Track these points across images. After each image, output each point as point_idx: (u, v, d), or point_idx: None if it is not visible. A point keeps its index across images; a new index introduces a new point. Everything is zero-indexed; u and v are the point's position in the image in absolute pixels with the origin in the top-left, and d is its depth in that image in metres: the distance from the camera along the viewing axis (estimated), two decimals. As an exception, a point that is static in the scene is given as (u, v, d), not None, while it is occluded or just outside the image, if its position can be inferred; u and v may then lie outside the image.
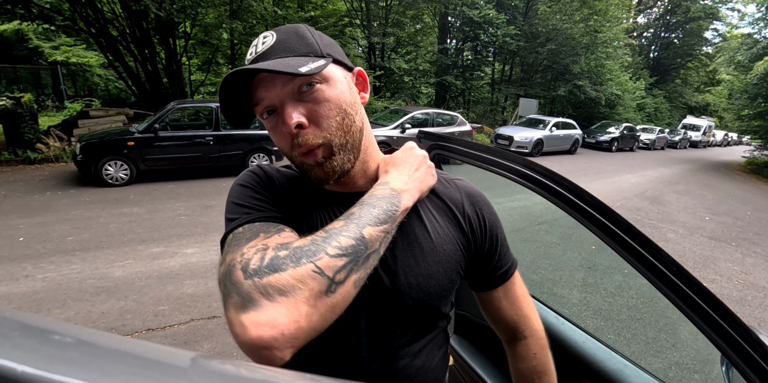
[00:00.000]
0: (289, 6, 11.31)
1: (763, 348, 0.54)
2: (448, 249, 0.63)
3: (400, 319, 0.61)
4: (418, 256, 0.61)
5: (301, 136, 0.54)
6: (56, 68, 11.51)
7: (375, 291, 0.58)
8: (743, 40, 15.32)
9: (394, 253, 0.60)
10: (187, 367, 0.20)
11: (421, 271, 0.60)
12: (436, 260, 0.61)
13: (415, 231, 0.62)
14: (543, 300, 1.25)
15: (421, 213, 0.64)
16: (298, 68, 0.51)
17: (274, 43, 0.55)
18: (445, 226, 0.64)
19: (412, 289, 0.59)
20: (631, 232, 0.61)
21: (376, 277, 0.58)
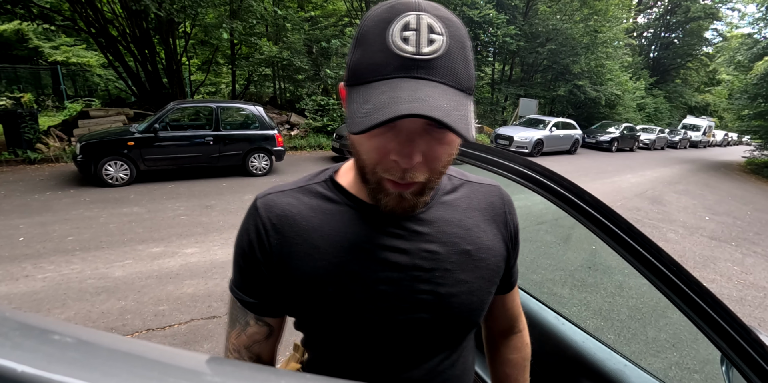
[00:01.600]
0: (289, 6, 11.31)
1: (763, 348, 0.54)
2: (491, 263, 0.62)
3: (441, 336, 0.60)
4: (464, 272, 0.59)
5: (410, 171, 0.48)
6: (56, 68, 11.52)
7: (418, 309, 0.57)
8: (743, 40, 15.31)
9: (443, 268, 0.58)
10: (187, 367, 0.20)
11: (466, 288, 0.59)
12: (479, 275, 0.60)
13: (462, 244, 0.59)
14: (543, 300, 1.25)
15: (467, 224, 0.61)
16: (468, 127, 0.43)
17: (443, 51, 0.44)
18: (489, 239, 0.62)
19: (455, 308, 0.58)
20: (631, 232, 0.61)
21: (420, 295, 0.56)
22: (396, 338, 0.57)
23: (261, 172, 6.75)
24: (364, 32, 0.46)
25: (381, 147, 0.48)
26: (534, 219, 5.13)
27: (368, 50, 0.45)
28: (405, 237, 0.57)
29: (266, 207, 0.58)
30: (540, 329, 1.12)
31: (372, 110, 0.42)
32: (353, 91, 0.47)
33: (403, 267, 0.56)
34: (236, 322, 0.62)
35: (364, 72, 0.46)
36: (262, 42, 9.75)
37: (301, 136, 10.15)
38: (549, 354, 1.08)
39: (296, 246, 0.56)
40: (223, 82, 15.32)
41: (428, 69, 0.44)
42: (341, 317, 0.56)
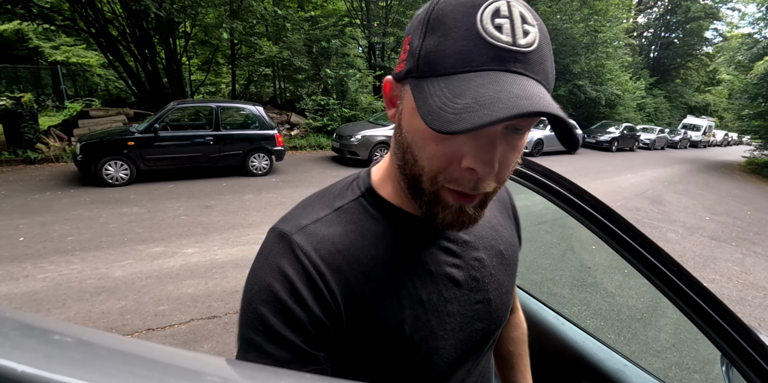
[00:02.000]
0: (289, 6, 11.32)
1: (763, 348, 0.54)
2: (515, 258, 0.62)
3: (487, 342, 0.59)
4: (501, 274, 0.58)
5: (484, 180, 0.42)
6: (56, 68, 11.53)
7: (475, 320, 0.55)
8: (743, 39, 15.31)
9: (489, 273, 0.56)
10: (187, 367, 0.20)
11: (504, 289, 0.58)
12: (510, 273, 0.60)
13: (496, 245, 0.58)
14: (543, 300, 1.25)
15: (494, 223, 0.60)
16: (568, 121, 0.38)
17: (537, 45, 0.39)
18: (509, 234, 0.62)
19: (499, 310, 0.58)
20: (631, 232, 0.61)
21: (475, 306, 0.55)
22: (458, 356, 0.54)
23: (261, 172, 6.75)
24: (439, 16, 0.39)
25: (452, 152, 0.41)
26: (534, 219, 5.13)
27: (449, 37, 0.38)
28: (457, 250, 0.54)
29: (311, 244, 0.46)
30: (540, 329, 1.12)
31: (474, 105, 0.36)
32: (426, 83, 0.40)
33: (462, 281, 0.53)
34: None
35: (446, 61, 0.39)
36: (262, 42, 9.76)
37: (301, 136, 10.16)
38: (549, 354, 1.08)
39: (357, 288, 0.47)
40: (223, 82, 15.33)
41: (525, 63, 0.38)
42: (418, 350, 0.49)
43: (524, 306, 1.22)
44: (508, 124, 0.40)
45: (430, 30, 0.40)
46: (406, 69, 0.43)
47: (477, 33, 0.38)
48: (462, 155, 0.41)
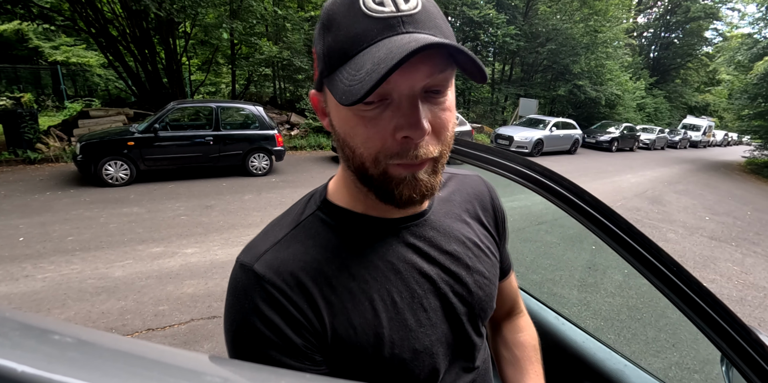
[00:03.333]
0: (289, 6, 11.31)
1: (763, 348, 0.54)
2: (493, 251, 0.64)
3: (474, 332, 0.60)
4: (479, 264, 0.59)
5: (422, 146, 0.43)
6: (56, 68, 11.52)
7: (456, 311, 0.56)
8: (743, 40, 15.32)
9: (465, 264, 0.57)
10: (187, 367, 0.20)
11: (485, 278, 0.60)
12: (490, 263, 0.62)
13: (470, 237, 0.60)
14: (543, 300, 1.25)
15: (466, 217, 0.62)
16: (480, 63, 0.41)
17: (421, 7, 0.41)
18: (485, 228, 0.64)
19: (483, 300, 0.59)
20: (631, 232, 0.61)
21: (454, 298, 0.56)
22: (443, 350, 0.55)
23: (261, 172, 6.75)
24: (329, 16, 0.42)
25: (381, 129, 0.43)
26: (534, 219, 5.13)
27: (342, 27, 0.41)
28: (424, 248, 0.54)
29: (272, 269, 0.47)
30: (540, 329, 1.12)
31: (372, 67, 0.38)
32: (335, 75, 0.42)
33: (435, 277, 0.54)
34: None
35: (346, 48, 0.41)
36: (262, 42, 9.75)
37: (301, 136, 10.16)
38: (549, 354, 1.08)
39: (327, 302, 0.47)
40: (223, 82, 15.32)
41: (414, 24, 0.41)
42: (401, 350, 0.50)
43: (524, 306, 1.22)
44: (424, 86, 0.42)
45: (326, 30, 0.42)
46: (319, 74, 0.45)
47: (363, 13, 0.40)
48: (392, 129, 0.42)
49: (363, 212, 0.52)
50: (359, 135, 0.44)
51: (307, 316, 0.46)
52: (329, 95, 0.45)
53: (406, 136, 0.42)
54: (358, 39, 0.40)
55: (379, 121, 0.43)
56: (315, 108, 0.50)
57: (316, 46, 0.45)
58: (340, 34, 0.41)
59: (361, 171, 0.46)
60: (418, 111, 0.41)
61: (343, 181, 0.53)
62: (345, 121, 0.44)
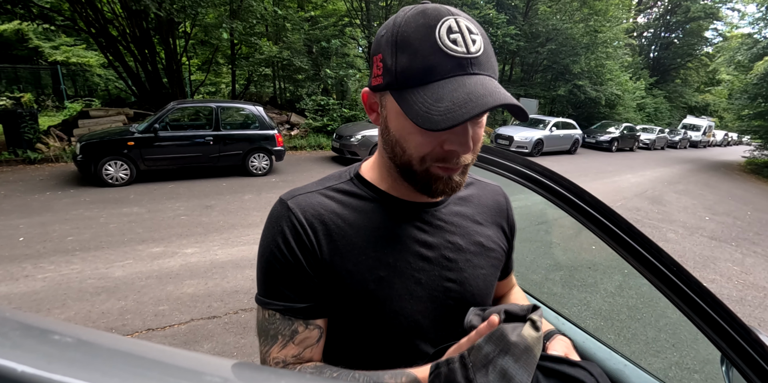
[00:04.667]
0: (289, 6, 11.31)
1: (763, 348, 0.54)
2: (498, 254, 0.70)
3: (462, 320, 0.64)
4: (479, 260, 0.66)
5: (462, 156, 0.54)
6: (56, 68, 11.52)
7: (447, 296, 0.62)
8: (743, 40, 15.31)
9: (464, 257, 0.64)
10: (187, 367, 0.20)
11: (481, 274, 0.66)
12: (490, 263, 0.68)
13: (476, 236, 0.67)
14: (543, 300, 1.24)
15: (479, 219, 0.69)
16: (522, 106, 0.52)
17: (483, 50, 0.50)
18: (495, 233, 0.70)
19: (475, 293, 0.65)
20: (631, 232, 0.61)
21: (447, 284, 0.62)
22: (427, 324, 0.61)
23: (261, 172, 6.75)
24: (404, 37, 0.49)
25: (433, 140, 0.53)
26: (534, 219, 5.13)
27: (418, 54, 0.49)
28: (430, 231, 0.62)
29: (300, 207, 0.59)
30: (540, 329, 1.12)
31: (453, 107, 0.47)
32: (407, 94, 0.50)
33: (433, 258, 0.61)
34: (277, 336, 0.58)
35: (420, 74, 0.49)
36: (262, 42, 9.75)
37: (301, 136, 10.16)
38: (549, 354, 1.08)
39: (335, 243, 0.58)
40: (223, 82, 15.32)
41: (479, 65, 0.50)
42: (382, 308, 0.58)
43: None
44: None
45: (400, 50, 0.50)
46: (384, 83, 0.53)
47: (439, 48, 0.48)
48: (443, 141, 0.53)
49: (388, 191, 0.62)
50: (413, 140, 0.54)
51: (314, 245, 0.57)
52: (391, 102, 0.54)
53: (453, 150, 0.53)
54: (433, 70, 0.49)
55: (434, 134, 0.52)
56: (364, 103, 0.59)
57: (386, 57, 0.51)
58: (417, 59, 0.49)
59: (406, 167, 0.57)
60: (467, 134, 0.52)
61: (378, 165, 0.64)
62: (404, 127, 0.54)
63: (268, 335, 0.59)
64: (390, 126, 0.56)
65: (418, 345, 0.61)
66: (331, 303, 0.59)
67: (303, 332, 0.58)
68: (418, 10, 0.50)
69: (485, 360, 0.43)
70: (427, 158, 0.54)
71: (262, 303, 0.59)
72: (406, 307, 0.59)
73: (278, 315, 0.58)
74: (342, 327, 0.61)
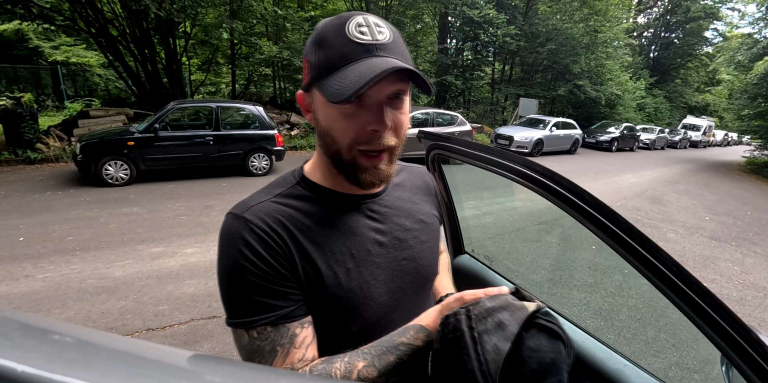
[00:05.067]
0: (289, 6, 11.31)
1: (763, 348, 0.54)
2: (436, 227, 0.79)
3: (419, 290, 0.73)
4: (424, 236, 0.74)
5: (384, 137, 0.59)
6: (56, 68, 11.51)
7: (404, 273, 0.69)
8: (743, 40, 15.32)
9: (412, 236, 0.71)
10: (187, 367, 0.20)
11: (428, 247, 0.74)
12: (432, 236, 0.76)
13: (417, 215, 0.74)
14: (543, 300, 1.25)
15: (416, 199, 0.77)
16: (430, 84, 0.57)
17: (392, 39, 0.57)
18: (430, 209, 0.79)
19: (426, 265, 0.73)
20: (631, 232, 0.61)
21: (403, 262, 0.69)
22: (392, 302, 0.68)
23: (261, 172, 6.75)
24: (323, 36, 0.56)
25: (355, 122, 0.57)
26: (534, 219, 5.13)
27: (333, 47, 0.55)
28: (380, 219, 0.68)
29: (258, 217, 0.60)
30: (540, 329, 1.12)
31: (355, 78, 0.52)
32: (325, 81, 0.56)
33: (387, 242, 0.68)
34: (275, 348, 0.57)
35: (335, 62, 0.55)
36: (262, 42, 9.74)
37: (301, 136, 10.16)
38: (549, 354, 1.08)
39: (301, 245, 0.61)
40: (223, 82, 15.32)
41: (385, 50, 0.56)
42: (355, 297, 0.63)
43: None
44: (390, 92, 0.57)
45: (319, 47, 0.57)
46: (310, 79, 0.59)
47: (349, 39, 0.55)
48: (364, 123, 0.57)
49: (331, 188, 0.66)
50: (339, 127, 0.58)
51: (284, 249, 0.59)
52: (317, 95, 0.59)
53: (374, 130, 0.57)
54: (345, 56, 0.55)
55: (355, 117, 0.57)
56: (300, 105, 0.64)
57: (309, 57, 0.58)
58: (332, 51, 0.56)
59: (336, 156, 0.61)
60: (383, 111, 0.57)
61: (318, 164, 0.68)
62: (329, 116, 0.59)
63: (263, 353, 0.57)
64: (319, 118, 0.60)
65: (386, 323, 0.67)
66: (310, 301, 0.61)
67: (301, 333, 0.59)
68: (335, 16, 0.57)
69: (486, 313, 0.54)
70: (353, 143, 0.58)
71: (244, 325, 0.57)
72: (374, 292, 0.65)
73: (269, 327, 0.57)
74: (322, 321, 0.63)
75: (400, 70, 0.53)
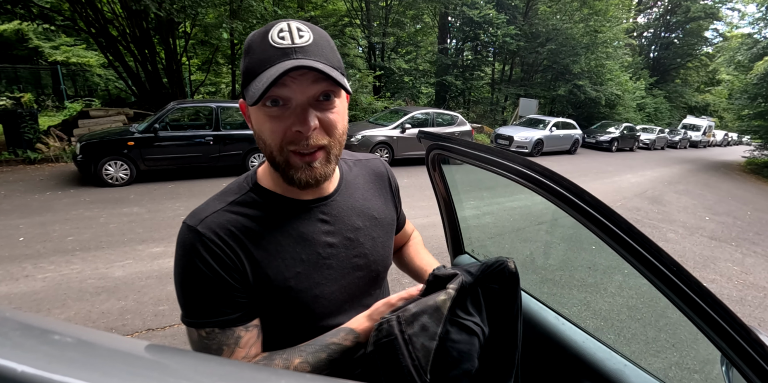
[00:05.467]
0: (289, 6, 11.31)
1: (763, 348, 0.54)
2: (389, 220, 0.81)
3: (373, 283, 0.77)
4: (375, 232, 0.77)
5: (312, 137, 0.60)
6: (56, 68, 11.51)
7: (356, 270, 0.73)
8: (743, 40, 15.32)
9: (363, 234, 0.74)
10: (187, 367, 0.20)
11: (380, 243, 0.77)
12: (385, 231, 0.79)
13: (369, 212, 0.77)
14: (543, 300, 1.25)
15: (368, 195, 0.79)
16: (344, 81, 0.59)
17: (311, 42, 0.58)
18: (383, 202, 0.81)
19: (378, 260, 0.76)
20: (631, 232, 0.61)
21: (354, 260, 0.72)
22: (344, 299, 0.72)
23: (261, 172, 6.75)
24: (248, 46, 0.59)
25: (281, 124, 0.59)
26: (534, 219, 5.13)
27: (255, 53, 0.58)
28: (330, 220, 0.71)
29: (210, 229, 0.62)
30: (540, 329, 1.12)
31: (265, 82, 0.54)
32: (249, 86, 0.58)
33: (337, 243, 0.71)
34: (222, 347, 0.62)
35: (255, 68, 0.58)
36: (262, 42, 9.73)
37: (301, 136, 10.14)
38: (549, 354, 1.08)
39: (251, 255, 0.64)
40: (223, 82, 15.32)
41: (303, 53, 0.57)
42: (304, 297, 0.67)
43: (524, 306, 1.22)
44: (314, 94, 0.59)
45: (245, 55, 0.60)
46: (242, 87, 0.61)
47: (270, 45, 0.57)
48: (290, 124, 0.59)
49: (283, 194, 0.68)
50: (267, 129, 0.60)
51: (234, 261, 0.62)
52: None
53: (299, 130, 0.59)
54: (264, 61, 0.57)
55: (281, 119, 0.59)
56: (243, 114, 0.66)
57: (241, 65, 0.61)
58: (254, 58, 0.58)
59: (271, 158, 0.62)
60: (306, 113, 0.58)
61: (269, 170, 0.69)
62: (259, 119, 0.61)
63: (211, 350, 0.63)
64: (253, 124, 0.63)
65: (338, 318, 0.71)
66: (261, 304, 0.66)
67: (245, 335, 0.64)
68: (264, 26, 0.60)
69: (412, 318, 0.61)
70: (283, 144, 0.60)
71: (195, 325, 0.62)
72: (325, 291, 0.69)
73: (217, 329, 0.62)
74: (274, 321, 0.68)
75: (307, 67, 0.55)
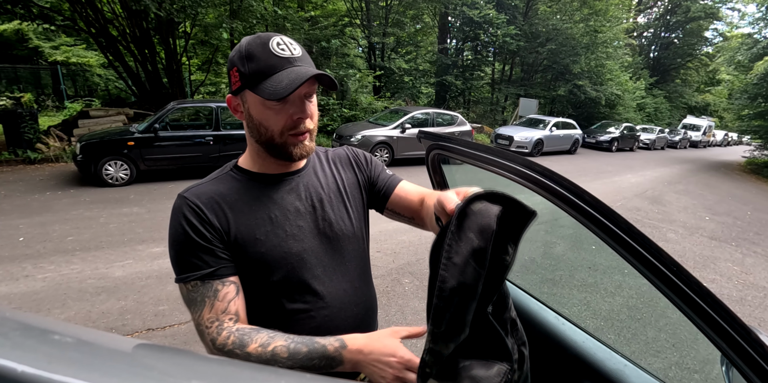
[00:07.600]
0: (289, 6, 11.30)
1: (763, 348, 0.54)
2: (356, 193, 0.93)
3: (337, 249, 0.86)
4: (341, 204, 0.89)
5: (306, 123, 0.78)
6: (56, 68, 11.51)
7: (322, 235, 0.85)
8: (743, 39, 15.32)
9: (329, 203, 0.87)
10: (188, 367, 0.20)
11: (345, 214, 0.88)
12: (351, 204, 0.91)
13: (333, 185, 0.90)
14: (543, 300, 1.25)
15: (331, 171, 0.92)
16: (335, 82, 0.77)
17: (302, 54, 0.77)
18: (348, 177, 0.93)
19: (343, 228, 0.87)
20: (631, 232, 0.61)
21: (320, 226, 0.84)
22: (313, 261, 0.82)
23: (261, 172, 6.75)
24: (250, 51, 0.73)
25: (285, 114, 0.76)
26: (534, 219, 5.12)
27: (261, 60, 0.73)
28: (298, 189, 0.85)
29: (195, 196, 0.78)
30: (540, 329, 1.12)
31: (290, 82, 0.71)
32: (261, 85, 0.73)
33: (303, 209, 0.84)
34: (204, 300, 0.74)
35: (265, 71, 0.73)
36: (262, 42, 9.72)
37: (301, 136, 10.14)
38: (549, 354, 1.08)
39: (226, 217, 0.78)
40: (223, 82, 15.31)
41: (301, 62, 0.76)
42: (273, 251, 0.79)
43: (524, 306, 1.22)
44: (304, 93, 0.76)
45: (249, 60, 0.73)
46: (243, 85, 0.75)
47: (274, 54, 0.74)
48: (292, 114, 0.76)
49: (258, 171, 0.84)
50: (273, 119, 0.76)
51: (212, 220, 0.76)
52: (250, 97, 0.76)
53: (300, 117, 0.77)
54: (273, 67, 0.73)
55: (283, 111, 0.76)
56: (230, 107, 0.81)
57: (239, 67, 0.74)
58: (261, 63, 0.73)
59: (270, 142, 0.78)
60: (303, 105, 0.77)
61: (248, 155, 0.86)
62: (263, 111, 0.76)
63: (196, 302, 0.74)
64: (253, 114, 0.77)
65: (309, 282, 0.81)
66: (238, 261, 0.78)
67: (223, 289, 0.75)
68: (254, 37, 0.74)
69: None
70: (284, 130, 0.77)
71: (181, 280, 0.76)
72: (293, 247, 0.80)
73: (198, 282, 0.74)
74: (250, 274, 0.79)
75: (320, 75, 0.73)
